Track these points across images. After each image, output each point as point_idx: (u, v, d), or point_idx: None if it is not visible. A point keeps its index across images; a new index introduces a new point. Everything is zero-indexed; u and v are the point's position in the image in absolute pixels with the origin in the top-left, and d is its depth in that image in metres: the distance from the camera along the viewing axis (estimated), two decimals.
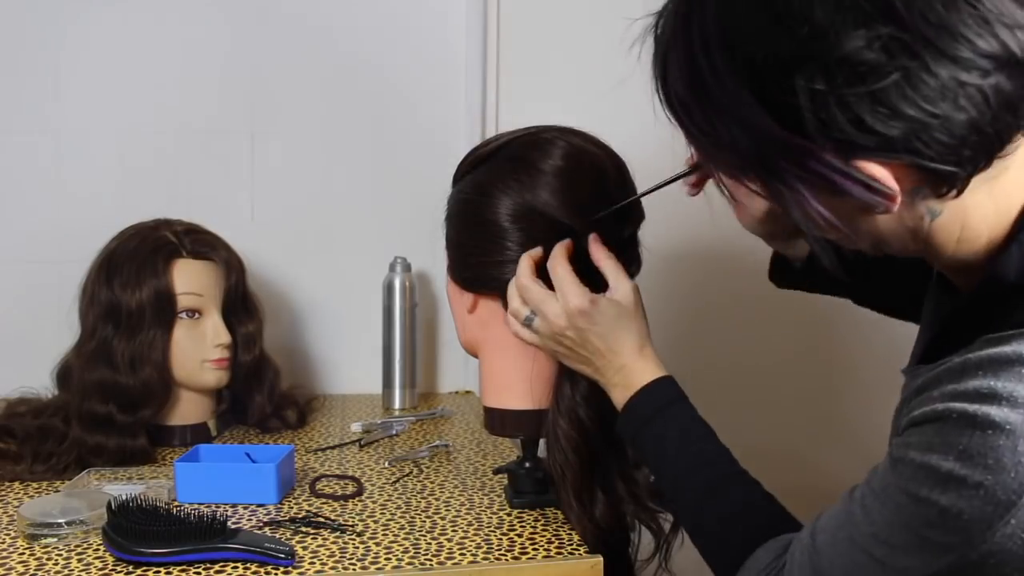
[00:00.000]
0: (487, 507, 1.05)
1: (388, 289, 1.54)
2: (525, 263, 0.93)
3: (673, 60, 0.69)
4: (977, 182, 0.64)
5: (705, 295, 1.76)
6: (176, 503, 1.04)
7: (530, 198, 0.94)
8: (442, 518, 1.02)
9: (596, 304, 0.90)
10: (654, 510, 0.98)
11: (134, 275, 1.23)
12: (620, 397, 0.91)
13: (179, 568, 0.87)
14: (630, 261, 0.99)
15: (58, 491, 1.08)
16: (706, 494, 0.85)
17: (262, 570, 0.87)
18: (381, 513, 1.03)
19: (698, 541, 0.86)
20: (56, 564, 0.88)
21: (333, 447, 1.30)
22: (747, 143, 0.64)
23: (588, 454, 0.95)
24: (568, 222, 0.94)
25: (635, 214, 1.00)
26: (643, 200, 1.01)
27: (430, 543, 0.94)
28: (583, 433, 0.94)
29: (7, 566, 0.88)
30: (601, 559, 0.91)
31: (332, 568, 0.87)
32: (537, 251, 0.94)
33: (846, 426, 1.84)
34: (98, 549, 0.91)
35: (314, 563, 0.88)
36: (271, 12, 1.58)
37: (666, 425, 0.88)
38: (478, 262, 0.98)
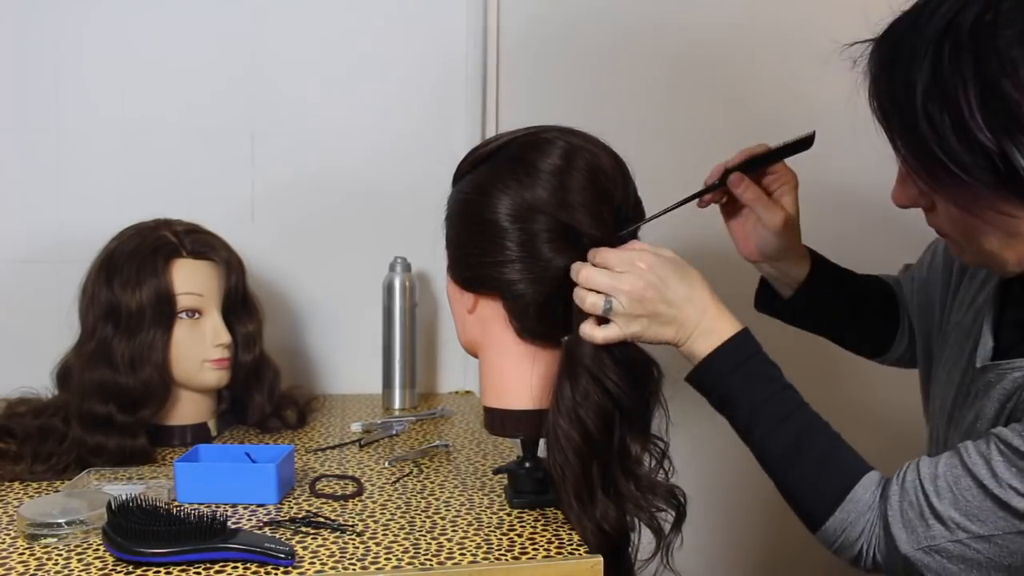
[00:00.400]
0: (487, 507, 1.05)
1: (388, 289, 1.54)
2: (577, 263, 0.94)
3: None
4: None
5: None
6: (176, 503, 1.04)
7: (530, 198, 0.94)
8: (442, 518, 1.02)
9: (658, 253, 0.92)
10: (654, 510, 0.98)
11: (134, 275, 1.23)
12: (705, 345, 0.93)
13: (179, 568, 0.87)
14: None
15: (58, 491, 1.08)
16: (795, 443, 0.91)
17: (262, 570, 0.87)
18: (381, 513, 1.03)
19: (787, 483, 0.92)
20: (56, 564, 0.88)
21: (333, 447, 1.30)
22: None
23: (588, 454, 0.95)
24: (568, 221, 0.94)
25: (636, 214, 1.00)
26: (643, 200, 1.01)
27: (430, 543, 0.94)
28: (583, 433, 0.94)
29: (7, 566, 0.88)
30: (601, 559, 0.91)
31: (332, 568, 0.87)
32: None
33: (845, 427, 1.84)
34: (98, 549, 0.91)
35: (314, 563, 0.88)
36: (271, 12, 1.58)
37: (749, 378, 0.92)
38: (478, 262, 0.98)
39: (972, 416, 0.95)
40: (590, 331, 0.93)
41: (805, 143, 1.06)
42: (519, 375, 1.00)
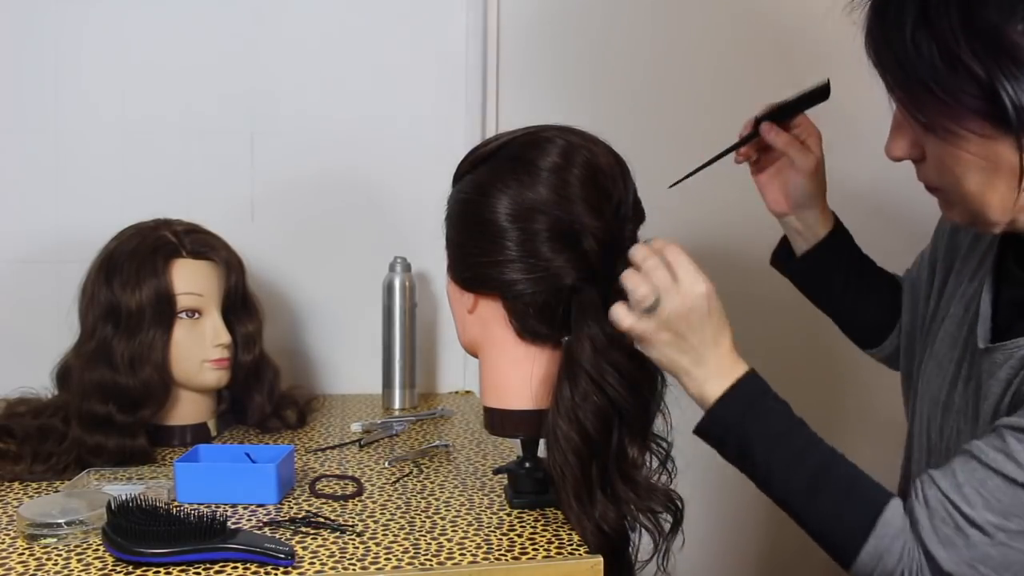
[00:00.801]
0: (487, 507, 1.05)
1: (388, 289, 1.54)
2: (643, 248, 0.92)
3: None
4: None
5: None
6: (176, 503, 1.04)
7: (530, 197, 0.94)
8: (442, 518, 1.02)
9: (712, 288, 0.91)
10: (654, 511, 0.98)
11: (134, 275, 1.23)
12: (716, 389, 0.91)
13: (179, 568, 0.87)
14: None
15: (58, 491, 1.08)
16: (815, 476, 0.89)
17: (262, 570, 0.87)
18: (381, 513, 1.03)
19: (813, 519, 0.89)
20: (56, 564, 0.88)
21: (333, 447, 1.30)
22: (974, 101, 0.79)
23: (587, 455, 0.95)
24: (568, 220, 0.94)
25: (636, 213, 1.00)
26: (643, 200, 1.01)
27: (430, 543, 0.94)
28: (583, 434, 0.94)
29: (7, 566, 0.88)
30: (601, 559, 0.91)
31: (332, 568, 0.87)
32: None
33: (845, 428, 1.84)
34: (98, 549, 0.91)
35: (314, 563, 0.88)
36: (271, 12, 1.58)
37: (764, 415, 0.91)
38: (478, 262, 0.98)
39: (972, 399, 0.95)
40: (623, 314, 0.92)
41: (822, 93, 1.09)
42: (519, 375, 1.00)
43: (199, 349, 1.27)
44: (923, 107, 0.82)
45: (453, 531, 0.97)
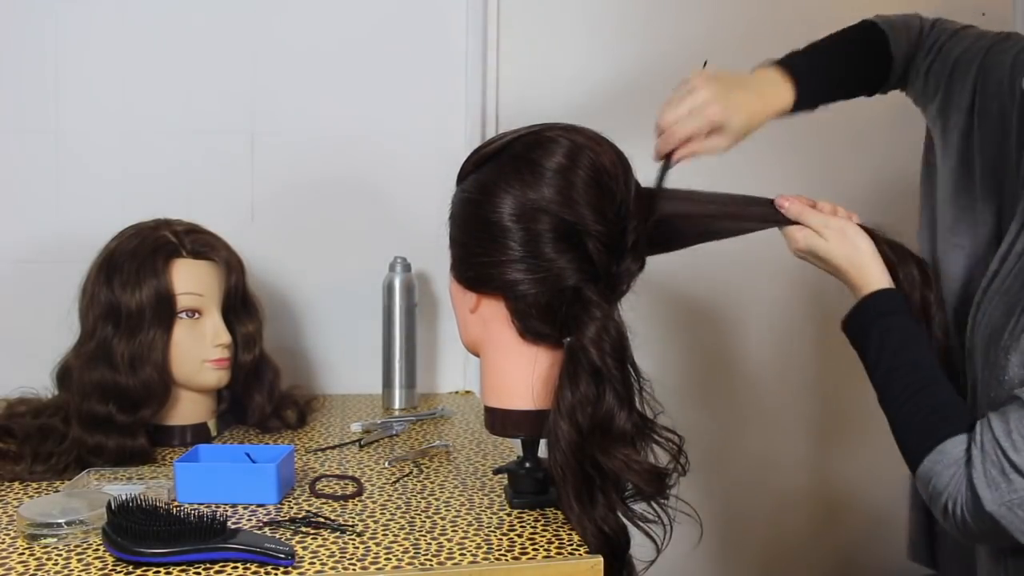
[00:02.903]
0: (487, 507, 1.05)
1: (388, 289, 1.54)
2: (797, 201, 1.07)
3: None
4: None
5: (706, 297, 1.76)
6: (176, 503, 1.04)
7: (534, 197, 0.94)
8: (442, 518, 1.02)
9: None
10: (653, 511, 0.98)
11: (134, 275, 1.23)
12: (874, 282, 1.02)
13: (179, 568, 0.87)
14: (635, 259, 0.99)
15: (58, 491, 1.08)
16: (919, 386, 0.99)
17: (262, 570, 0.87)
18: (381, 513, 1.03)
19: (897, 420, 1.00)
20: (56, 564, 0.88)
21: (333, 447, 1.30)
22: None
23: (589, 456, 0.95)
24: (572, 220, 0.94)
25: (636, 207, 1.00)
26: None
27: (430, 543, 0.94)
28: (583, 434, 0.94)
29: (7, 566, 0.88)
30: (601, 559, 0.91)
31: (332, 568, 0.87)
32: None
33: (846, 428, 1.84)
34: (98, 549, 0.91)
35: (314, 563, 0.88)
36: (271, 12, 1.58)
37: (894, 324, 1.01)
38: (481, 262, 0.98)
39: None
40: (799, 232, 1.06)
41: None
42: (520, 375, 1.00)
43: (199, 349, 1.27)
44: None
45: (453, 531, 0.97)
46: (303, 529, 0.97)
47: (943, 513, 0.94)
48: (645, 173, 1.02)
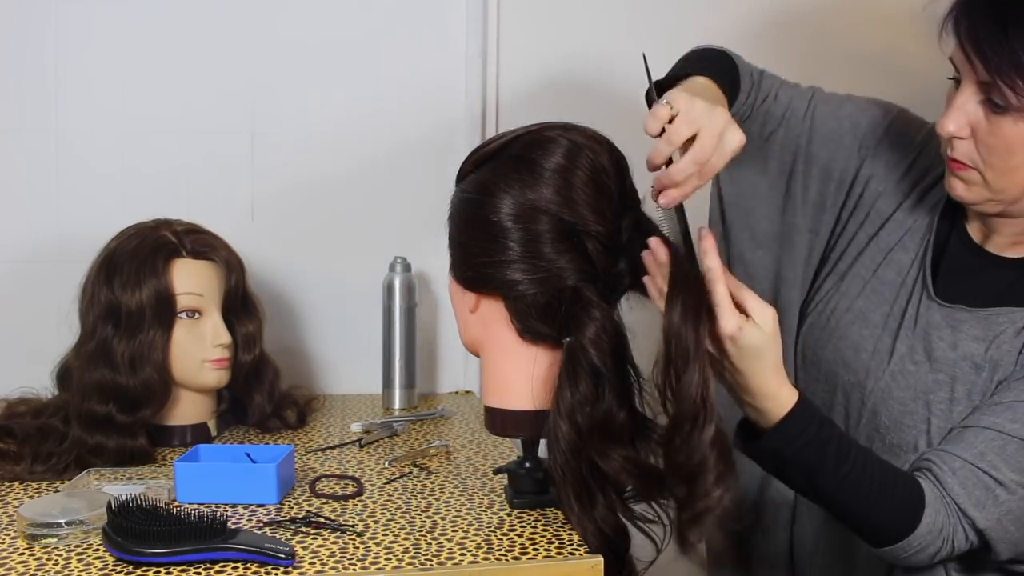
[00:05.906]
0: (487, 507, 1.05)
1: (388, 289, 1.54)
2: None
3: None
4: None
5: None
6: (176, 503, 1.04)
7: (533, 197, 0.94)
8: (442, 518, 1.02)
9: (742, 331, 0.89)
10: (653, 511, 0.98)
11: (134, 275, 1.23)
12: (780, 411, 0.93)
13: (179, 568, 0.87)
14: (634, 261, 0.99)
15: (58, 491, 1.08)
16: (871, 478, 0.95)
17: (262, 570, 0.87)
18: (381, 513, 1.03)
19: (863, 510, 0.96)
20: (56, 564, 0.88)
21: (333, 447, 1.30)
22: None
23: (589, 456, 0.95)
24: (572, 220, 0.94)
25: (632, 202, 1.00)
26: (645, 199, 1.01)
27: (430, 543, 0.94)
28: (583, 435, 0.94)
29: (7, 566, 0.88)
30: (601, 559, 0.91)
31: (332, 568, 0.87)
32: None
33: None
34: (98, 549, 0.91)
35: (314, 563, 0.88)
36: (271, 12, 1.58)
37: (811, 453, 0.93)
38: (480, 262, 0.98)
39: (987, 359, 1.01)
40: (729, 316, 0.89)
41: None
42: (520, 375, 1.00)
43: (199, 349, 1.27)
44: (1008, 94, 0.92)
45: (453, 531, 0.97)
46: (303, 529, 0.97)
47: (933, 555, 0.95)
48: (644, 173, 1.02)
